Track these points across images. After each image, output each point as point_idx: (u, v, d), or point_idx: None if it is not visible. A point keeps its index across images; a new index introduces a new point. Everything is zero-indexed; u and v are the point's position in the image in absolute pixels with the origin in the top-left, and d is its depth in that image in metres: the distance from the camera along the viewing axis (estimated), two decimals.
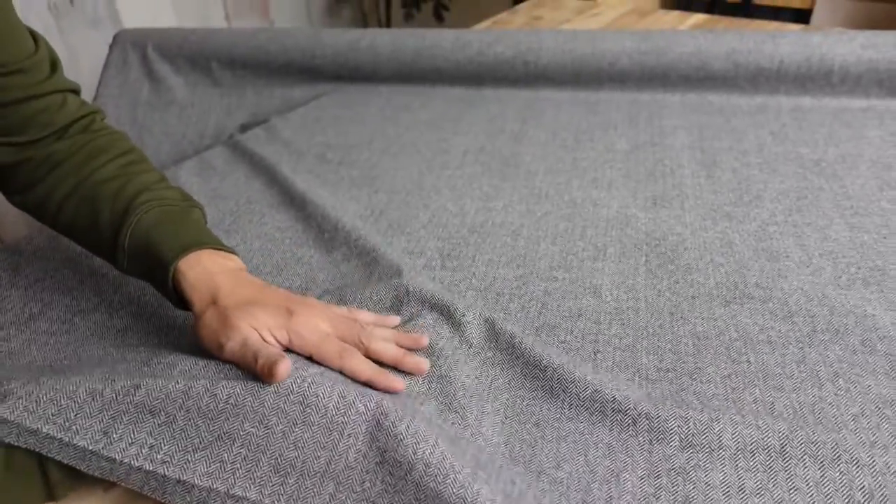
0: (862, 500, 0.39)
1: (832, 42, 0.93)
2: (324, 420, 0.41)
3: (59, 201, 0.55)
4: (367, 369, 0.46)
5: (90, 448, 0.41)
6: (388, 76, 1.10)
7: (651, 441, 0.43)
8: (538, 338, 0.53)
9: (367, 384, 0.45)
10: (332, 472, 0.39)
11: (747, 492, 0.40)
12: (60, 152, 0.56)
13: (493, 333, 0.52)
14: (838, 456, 0.41)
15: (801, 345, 0.50)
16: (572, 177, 0.79)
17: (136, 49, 1.20)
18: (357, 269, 0.62)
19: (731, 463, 0.42)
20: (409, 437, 0.39)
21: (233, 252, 0.54)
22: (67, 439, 0.41)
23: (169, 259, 0.50)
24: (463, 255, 0.64)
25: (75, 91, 0.59)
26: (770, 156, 0.80)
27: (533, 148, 0.87)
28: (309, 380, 0.43)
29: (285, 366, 0.42)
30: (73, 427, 0.41)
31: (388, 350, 0.48)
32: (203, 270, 0.49)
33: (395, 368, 0.48)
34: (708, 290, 0.57)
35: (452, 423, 0.45)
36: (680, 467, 0.42)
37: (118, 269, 0.54)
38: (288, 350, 0.46)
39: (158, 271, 0.51)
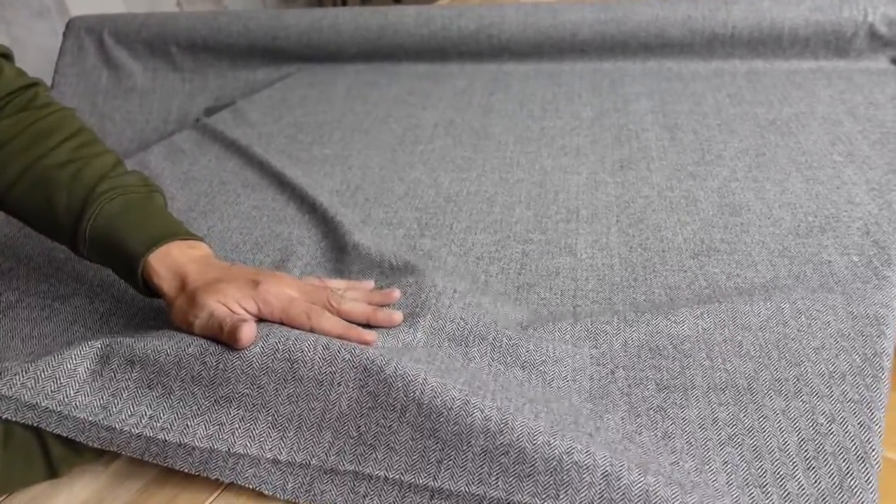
0: (825, 424, 0.42)
1: (781, 6, 0.97)
2: (312, 373, 0.42)
3: (6, 185, 0.53)
4: (336, 326, 0.47)
5: (90, 419, 0.42)
6: (352, 55, 1.10)
7: (630, 386, 0.46)
8: (518, 298, 0.55)
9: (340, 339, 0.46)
10: (328, 422, 0.41)
11: (720, 423, 0.43)
12: (3, 133, 0.54)
13: (469, 314, 0.53)
14: (800, 389, 0.45)
15: (766, 288, 0.54)
16: (541, 145, 0.81)
17: (91, 35, 1.17)
18: (336, 242, 0.64)
19: (704, 399, 0.45)
20: (397, 379, 0.41)
21: (199, 239, 0.54)
22: (67, 412, 0.42)
23: (138, 253, 0.50)
24: (441, 223, 0.66)
25: (6, 56, 0.57)
26: (728, 117, 0.83)
27: (501, 119, 0.88)
28: (293, 337, 0.44)
29: (248, 328, 0.43)
30: (73, 402, 0.42)
31: (358, 308, 0.49)
32: (173, 262, 0.50)
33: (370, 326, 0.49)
34: (677, 245, 0.60)
35: (440, 367, 0.46)
36: (658, 406, 0.45)
37: (76, 255, 0.54)
38: (260, 320, 0.47)
39: (126, 263, 0.51)
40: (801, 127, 0.79)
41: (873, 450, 0.40)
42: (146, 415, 0.42)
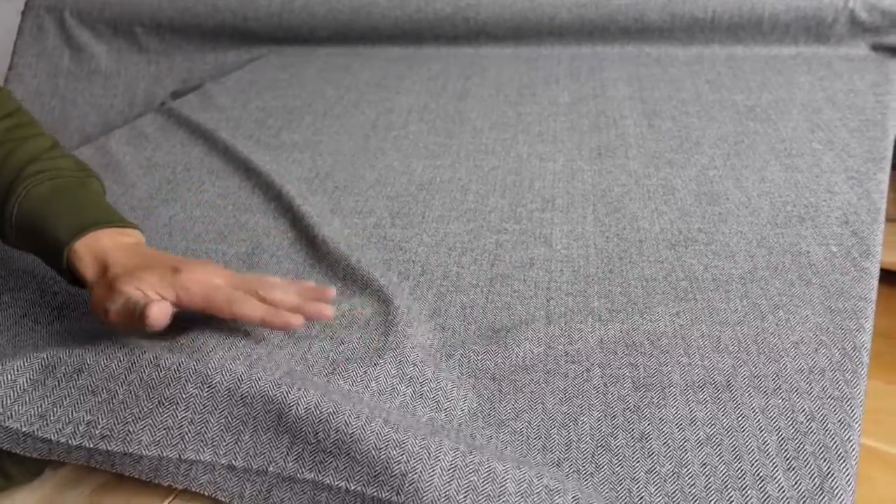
0: (805, 422, 0.41)
1: None
2: (270, 375, 0.40)
3: None
4: (258, 310, 0.44)
5: (24, 430, 0.39)
6: (325, 37, 1.07)
7: (605, 384, 0.45)
8: (491, 290, 0.53)
9: (262, 326, 0.44)
10: (286, 426, 0.39)
11: (698, 423, 0.42)
12: None
13: (443, 304, 0.52)
14: (779, 386, 0.43)
15: (743, 281, 0.52)
16: (518, 132, 0.79)
17: (51, 15, 1.12)
18: (304, 234, 0.61)
19: (681, 398, 0.43)
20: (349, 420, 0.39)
21: (133, 227, 0.51)
22: (1, 422, 0.39)
23: (64, 239, 0.47)
24: (412, 212, 0.64)
25: None
26: (707, 104, 0.82)
27: (477, 105, 0.86)
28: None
29: (157, 307, 0.41)
30: (9, 412, 0.40)
31: (288, 297, 0.46)
32: (99, 249, 0.47)
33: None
34: (654, 234, 0.59)
35: (411, 378, 0.45)
36: (634, 405, 0.43)
37: (6, 243, 0.51)
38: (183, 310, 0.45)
39: (51, 250, 0.48)
40: (781, 114, 0.78)
41: (853, 448, 0.39)
42: (83, 420, 0.40)
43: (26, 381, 0.41)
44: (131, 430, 0.39)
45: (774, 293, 0.51)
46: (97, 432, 0.39)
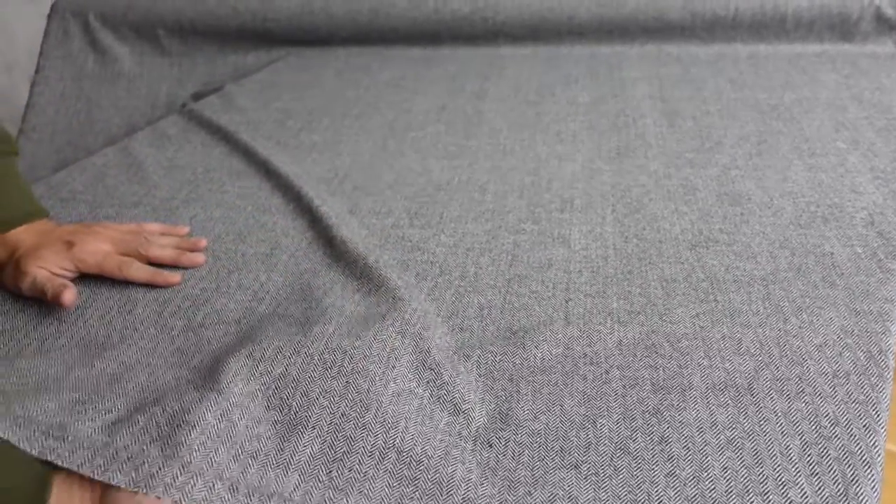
0: (829, 427, 0.40)
1: None
2: (286, 416, 0.41)
3: None
4: (144, 274, 0.55)
5: None
6: (344, 38, 1.07)
7: (625, 387, 0.44)
8: (509, 291, 0.53)
9: (148, 285, 0.54)
10: (297, 464, 0.39)
11: (719, 426, 0.41)
12: None
13: (461, 305, 0.52)
14: (802, 389, 0.43)
15: (765, 283, 0.51)
16: (536, 132, 0.78)
17: (77, 18, 1.14)
18: (321, 234, 0.61)
19: (702, 401, 0.43)
20: (377, 425, 0.41)
21: (40, 215, 0.58)
22: None
23: None
24: (430, 212, 0.64)
25: None
26: (729, 102, 0.81)
27: (495, 105, 0.86)
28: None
29: (70, 293, 0.51)
30: None
31: (165, 252, 0.57)
32: (8, 234, 0.55)
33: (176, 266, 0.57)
34: (674, 235, 0.58)
35: (429, 382, 0.45)
36: (654, 408, 0.43)
37: None
38: (84, 275, 0.54)
39: None
40: (805, 113, 0.77)
41: (879, 454, 0.38)
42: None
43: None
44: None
45: (797, 295, 0.50)
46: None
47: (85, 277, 0.56)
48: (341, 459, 0.39)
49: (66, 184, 0.73)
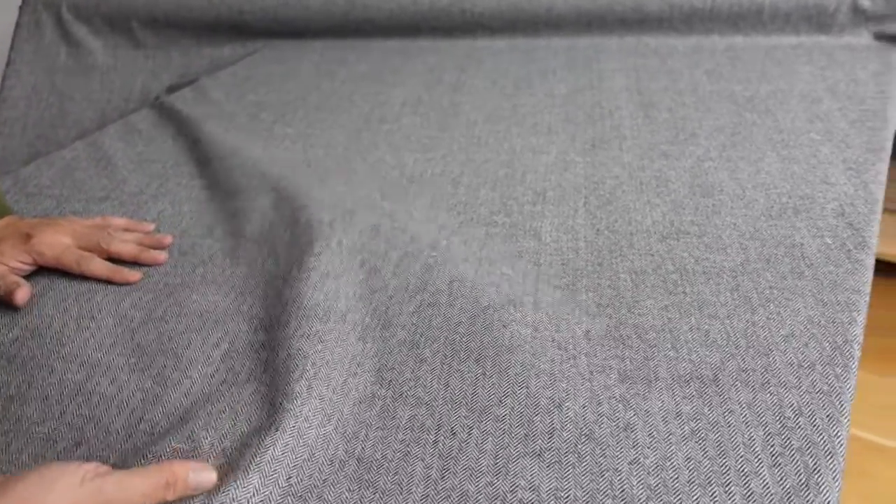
0: (792, 417, 0.40)
1: None
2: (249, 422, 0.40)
3: None
4: (102, 270, 0.53)
5: None
6: (321, 30, 1.06)
7: (591, 372, 0.44)
8: (480, 268, 0.52)
9: (107, 282, 0.53)
10: (258, 465, 0.39)
11: (684, 417, 0.41)
12: None
13: (430, 277, 0.51)
14: (767, 380, 0.43)
15: (734, 274, 0.51)
16: (511, 124, 0.78)
17: (49, 10, 1.12)
18: (285, 215, 0.60)
19: (667, 392, 0.42)
20: (337, 436, 0.41)
21: (6, 211, 0.58)
22: None
23: None
24: (401, 199, 0.63)
25: None
26: (705, 94, 0.80)
27: (472, 97, 0.85)
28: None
29: (22, 292, 0.50)
30: None
31: (126, 248, 0.56)
32: None
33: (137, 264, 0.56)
34: (646, 227, 0.58)
35: (391, 382, 0.44)
36: (620, 396, 0.42)
37: None
38: (42, 268, 0.54)
39: None
40: (779, 104, 0.77)
41: (841, 445, 0.38)
42: None
43: None
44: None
45: (766, 286, 0.50)
46: None
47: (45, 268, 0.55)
48: (301, 466, 0.39)
49: (34, 178, 0.72)
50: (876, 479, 1.01)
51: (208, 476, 0.37)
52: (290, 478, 0.38)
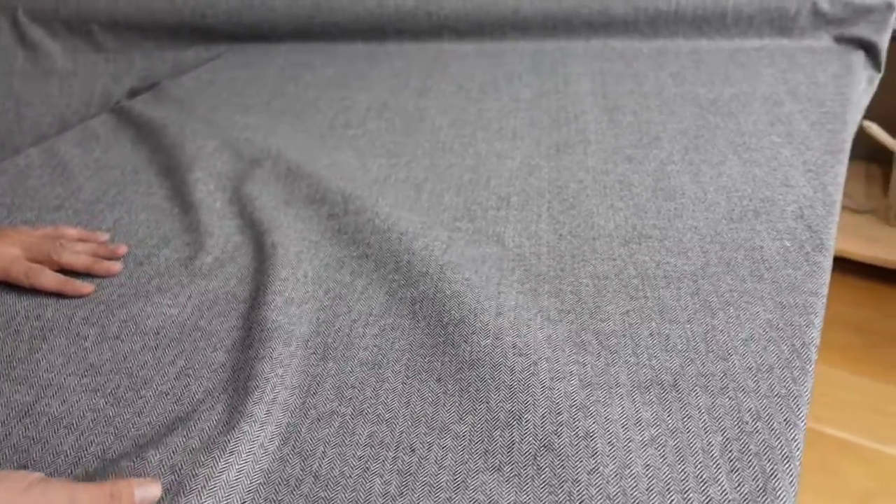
0: (750, 422, 0.40)
1: None
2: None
3: None
4: (53, 282, 0.52)
5: None
6: (286, 34, 1.05)
7: (552, 379, 0.43)
8: (441, 278, 0.52)
9: (58, 295, 0.52)
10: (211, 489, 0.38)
11: (644, 423, 0.41)
12: None
13: (393, 302, 0.51)
14: (726, 385, 0.43)
15: (695, 278, 0.51)
16: (477, 128, 0.77)
17: (4, 14, 1.09)
18: (247, 233, 0.59)
19: (628, 398, 0.42)
20: (294, 456, 0.40)
21: None
22: None
23: None
24: (363, 207, 0.62)
25: None
26: (669, 97, 0.81)
27: (437, 101, 0.85)
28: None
29: None
30: None
31: (78, 259, 0.54)
32: None
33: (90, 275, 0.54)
34: (608, 231, 0.58)
35: (350, 399, 0.43)
36: (580, 403, 0.42)
37: None
38: None
39: None
40: (742, 107, 0.77)
41: (798, 448, 0.38)
42: None
43: None
44: None
45: (726, 289, 0.50)
46: None
47: None
48: (256, 490, 0.38)
49: None
50: (844, 475, 1.03)
51: (154, 491, 0.36)
52: (244, 502, 0.37)
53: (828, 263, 0.52)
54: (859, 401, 1.12)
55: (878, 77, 0.88)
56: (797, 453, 0.38)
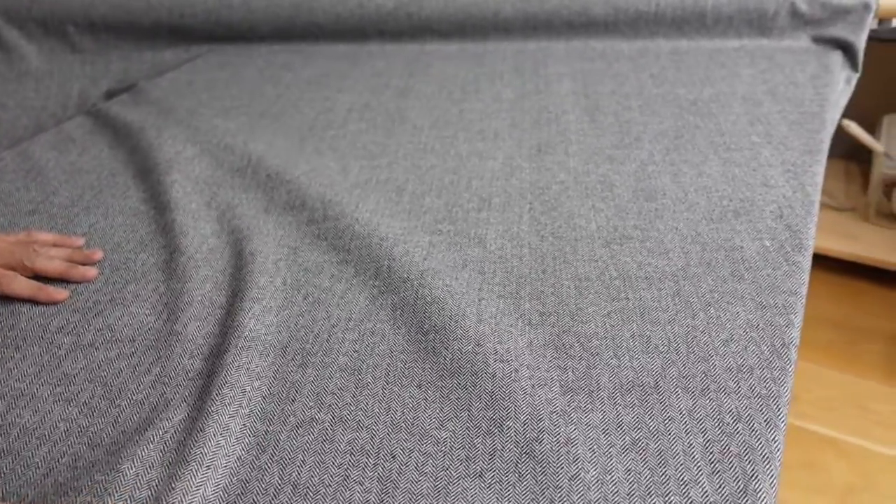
0: (731, 423, 0.40)
1: None
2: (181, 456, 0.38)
3: None
4: (26, 289, 0.51)
5: None
6: (266, 34, 1.04)
7: (533, 386, 0.43)
8: (422, 285, 0.52)
9: (32, 302, 0.51)
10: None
11: (625, 427, 0.41)
12: None
13: (374, 307, 0.50)
14: (707, 386, 0.43)
15: (676, 279, 0.51)
16: (458, 129, 0.77)
17: None
18: (224, 238, 0.59)
19: (609, 402, 0.42)
20: (274, 464, 0.40)
21: None
22: None
23: None
24: (344, 212, 0.62)
25: None
26: (650, 98, 0.81)
27: (419, 102, 0.84)
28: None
29: None
30: None
31: (52, 265, 0.53)
32: None
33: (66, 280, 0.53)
34: (590, 232, 0.58)
35: (330, 406, 0.43)
36: (561, 409, 0.42)
37: None
38: None
39: None
40: (722, 107, 0.78)
41: (778, 449, 0.38)
42: None
43: None
44: None
45: (706, 290, 0.50)
46: None
47: None
48: (234, 502, 0.37)
49: None
50: (827, 471, 1.04)
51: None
52: None
53: (807, 263, 0.52)
54: (841, 397, 1.13)
55: (855, 77, 0.89)
56: (777, 454, 0.38)
